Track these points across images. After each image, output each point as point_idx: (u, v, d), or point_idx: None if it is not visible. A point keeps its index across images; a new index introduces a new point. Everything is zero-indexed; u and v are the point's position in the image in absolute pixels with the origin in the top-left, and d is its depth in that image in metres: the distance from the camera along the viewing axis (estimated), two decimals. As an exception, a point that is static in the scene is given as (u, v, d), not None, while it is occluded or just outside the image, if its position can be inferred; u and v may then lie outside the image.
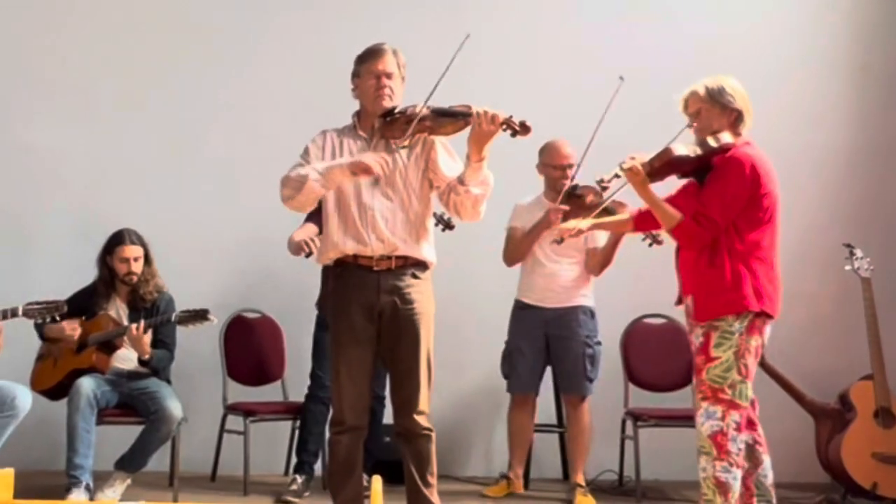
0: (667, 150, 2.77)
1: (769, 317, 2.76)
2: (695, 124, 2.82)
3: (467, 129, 2.66)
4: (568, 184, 3.65)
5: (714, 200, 2.70)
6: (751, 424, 2.83)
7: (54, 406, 3.66)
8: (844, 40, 4.73)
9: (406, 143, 2.69)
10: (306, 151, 2.82)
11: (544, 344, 3.82)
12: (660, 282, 4.32)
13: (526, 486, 4.09)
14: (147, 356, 3.58)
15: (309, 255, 3.64)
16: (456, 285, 4.18)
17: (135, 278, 3.69)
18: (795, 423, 4.20)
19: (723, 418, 2.66)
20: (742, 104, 2.80)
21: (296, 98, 4.40)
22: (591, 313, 3.85)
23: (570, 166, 3.77)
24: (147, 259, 3.74)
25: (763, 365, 4.06)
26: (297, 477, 3.78)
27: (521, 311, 3.86)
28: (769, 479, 2.84)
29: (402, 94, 2.80)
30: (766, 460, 2.84)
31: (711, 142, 2.77)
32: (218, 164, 4.45)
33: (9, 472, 1.74)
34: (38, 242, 4.36)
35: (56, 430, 3.71)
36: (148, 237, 3.80)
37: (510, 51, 4.53)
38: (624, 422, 4.11)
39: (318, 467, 3.91)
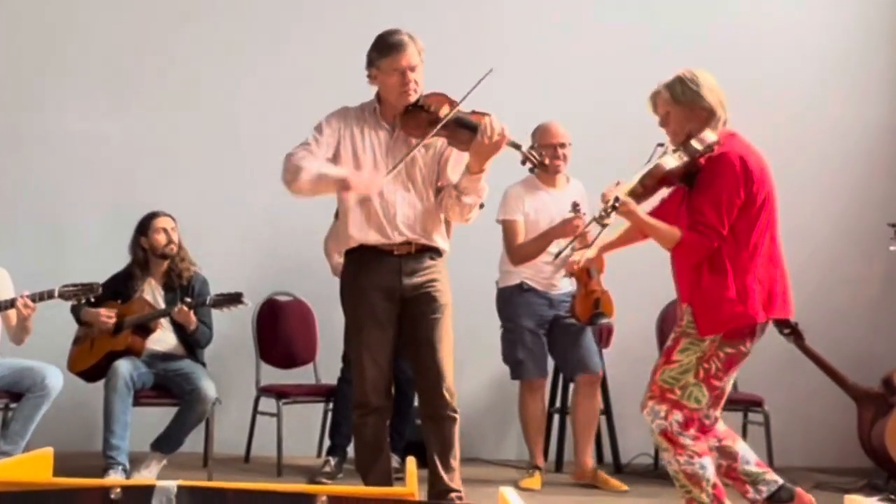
0: (657, 168, 2.56)
1: (778, 319, 2.62)
2: (666, 128, 2.63)
3: None
4: (562, 164, 3.71)
5: (710, 207, 2.51)
6: (704, 430, 2.65)
7: (90, 388, 3.71)
8: (888, 13, 4.59)
9: (423, 142, 2.69)
10: (319, 131, 2.77)
11: (549, 328, 3.77)
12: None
13: (559, 468, 4.06)
14: (193, 326, 3.63)
15: None
16: (479, 266, 4.15)
17: (174, 248, 3.73)
18: (837, 407, 4.12)
19: (665, 417, 2.55)
20: (713, 98, 2.58)
21: (329, 82, 4.38)
22: None
23: (563, 145, 3.74)
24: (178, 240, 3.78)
25: (803, 348, 3.98)
26: (330, 459, 3.79)
27: (528, 294, 3.76)
28: (752, 462, 2.69)
29: (423, 79, 2.75)
30: (740, 446, 2.70)
31: (696, 144, 2.54)
32: (251, 150, 4.46)
33: (48, 452, 1.76)
34: (73, 228, 4.41)
35: (92, 412, 3.77)
36: (181, 223, 3.83)
37: (532, 45, 4.48)
38: (659, 405, 4.05)
39: (350, 449, 3.92)
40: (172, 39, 4.49)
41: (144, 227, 3.76)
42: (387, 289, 2.73)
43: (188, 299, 3.61)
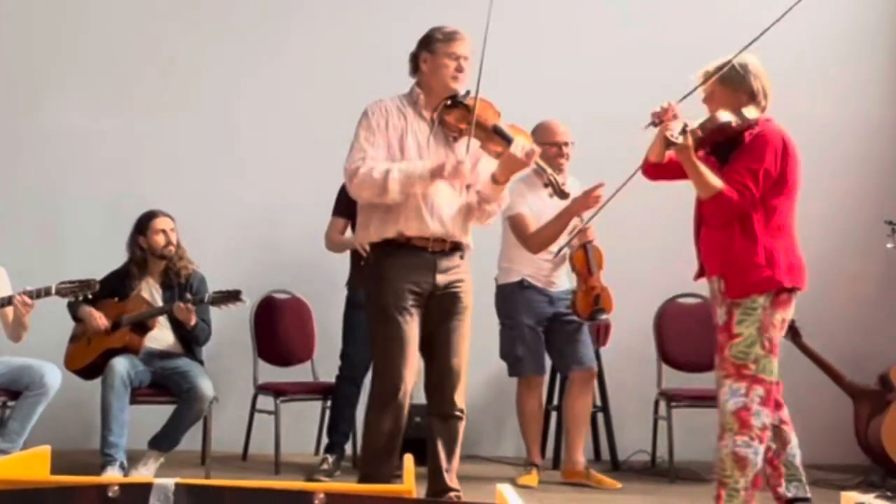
0: (713, 118, 2.70)
1: (798, 290, 2.74)
2: (709, 106, 2.78)
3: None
4: (565, 162, 3.70)
5: (748, 172, 2.68)
6: (777, 405, 2.78)
7: (88, 386, 3.71)
8: (886, 12, 4.60)
9: (457, 138, 2.79)
10: (369, 131, 2.76)
11: (548, 324, 3.77)
12: (693, 261, 4.28)
13: (556, 465, 4.07)
14: (193, 322, 3.62)
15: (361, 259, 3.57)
16: (475, 264, 4.15)
17: (173, 249, 3.72)
18: (833, 404, 4.13)
19: (747, 394, 2.63)
20: (757, 83, 2.74)
21: (328, 80, 4.40)
22: None
23: (566, 144, 3.73)
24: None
25: (800, 345, 3.99)
26: (329, 457, 3.79)
27: (529, 291, 3.76)
28: (798, 457, 2.81)
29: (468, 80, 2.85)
30: (794, 439, 2.83)
31: (746, 113, 2.71)
32: (249, 148, 4.47)
33: (45, 450, 1.76)
34: (70, 224, 4.41)
35: (90, 410, 3.77)
36: (179, 219, 3.83)
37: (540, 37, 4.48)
38: (657, 402, 4.06)
39: (347, 447, 3.92)
40: (172, 37, 4.48)
41: (143, 226, 3.75)
42: (419, 286, 2.75)
43: (188, 296, 3.60)
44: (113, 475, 3.40)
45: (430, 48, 2.82)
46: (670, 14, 4.50)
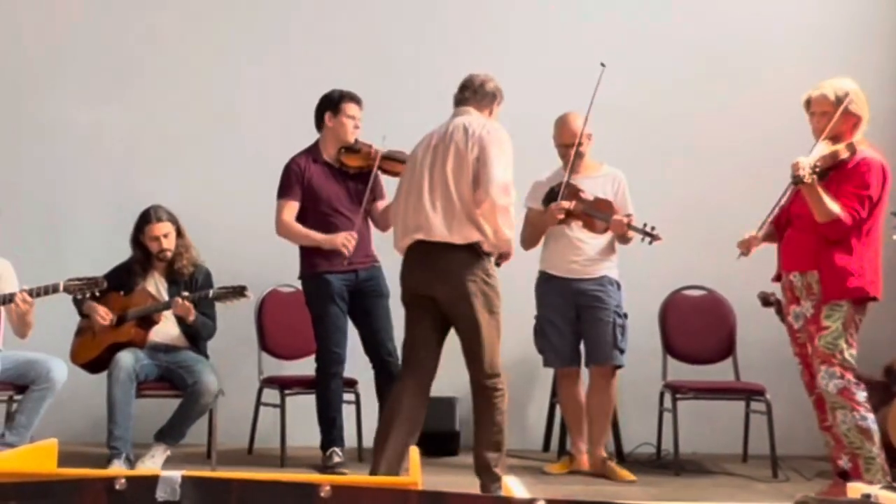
0: (834, 153, 3.04)
1: (877, 299, 3.12)
2: (817, 124, 3.12)
3: None
4: (575, 161, 3.68)
5: (857, 199, 3.06)
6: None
7: (94, 380, 3.72)
8: (887, 10, 4.58)
9: None
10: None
11: (575, 315, 3.73)
12: (698, 253, 4.28)
13: (560, 458, 4.07)
14: (192, 317, 3.62)
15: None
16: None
17: (169, 254, 3.72)
18: (838, 395, 4.11)
19: (842, 377, 3.03)
20: (862, 111, 3.10)
21: (328, 73, 4.38)
22: (618, 284, 3.76)
23: (572, 145, 3.68)
24: (179, 232, 3.76)
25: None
26: (337, 449, 3.75)
27: (548, 284, 3.75)
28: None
29: None
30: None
31: (855, 141, 3.05)
32: (252, 140, 4.46)
33: (52, 443, 1.77)
34: (73, 219, 4.42)
35: (96, 404, 3.77)
36: (183, 213, 3.83)
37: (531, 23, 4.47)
38: (662, 394, 4.06)
39: (350, 438, 3.93)
40: (175, 29, 4.48)
41: (140, 228, 3.74)
42: None
43: (185, 293, 3.60)
44: (119, 468, 3.41)
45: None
46: (672, 12, 4.47)
